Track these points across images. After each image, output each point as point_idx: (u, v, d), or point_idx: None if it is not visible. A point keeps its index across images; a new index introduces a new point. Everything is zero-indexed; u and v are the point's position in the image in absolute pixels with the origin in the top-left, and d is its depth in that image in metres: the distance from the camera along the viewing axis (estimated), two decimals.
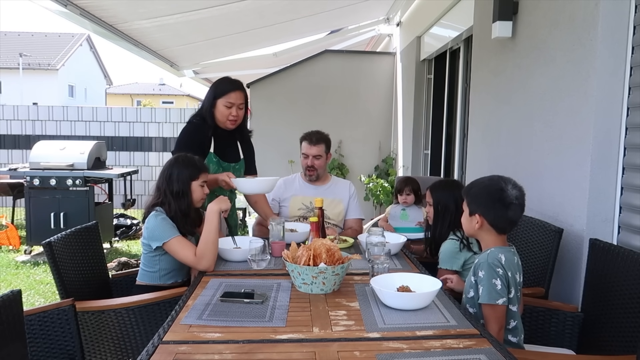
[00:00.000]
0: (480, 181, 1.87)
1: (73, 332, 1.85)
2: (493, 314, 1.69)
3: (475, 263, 1.79)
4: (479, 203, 1.79)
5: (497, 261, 1.71)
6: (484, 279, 1.71)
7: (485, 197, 1.78)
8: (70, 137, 8.45)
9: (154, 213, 2.29)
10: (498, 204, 1.75)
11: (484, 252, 1.79)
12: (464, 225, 1.87)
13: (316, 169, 3.03)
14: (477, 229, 1.80)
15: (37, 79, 25.14)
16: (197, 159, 2.42)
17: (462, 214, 1.88)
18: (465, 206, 1.85)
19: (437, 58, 5.39)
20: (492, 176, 1.84)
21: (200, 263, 2.16)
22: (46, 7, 3.57)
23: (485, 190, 1.80)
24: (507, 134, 3.11)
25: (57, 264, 2.10)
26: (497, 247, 1.77)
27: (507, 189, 1.75)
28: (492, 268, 1.70)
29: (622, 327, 1.83)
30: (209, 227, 2.21)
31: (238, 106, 2.70)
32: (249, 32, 5.83)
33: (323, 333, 1.47)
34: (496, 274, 1.69)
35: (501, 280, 1.69)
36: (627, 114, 2.16)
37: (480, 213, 1.77)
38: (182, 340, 1.42)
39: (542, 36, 2.66)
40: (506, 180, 1.79)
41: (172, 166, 2.36)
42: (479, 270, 1.74)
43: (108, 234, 6.10)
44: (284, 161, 6.90)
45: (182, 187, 2.32)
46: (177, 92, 37.32)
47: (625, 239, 2.15)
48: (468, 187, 1.87)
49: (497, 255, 1.73)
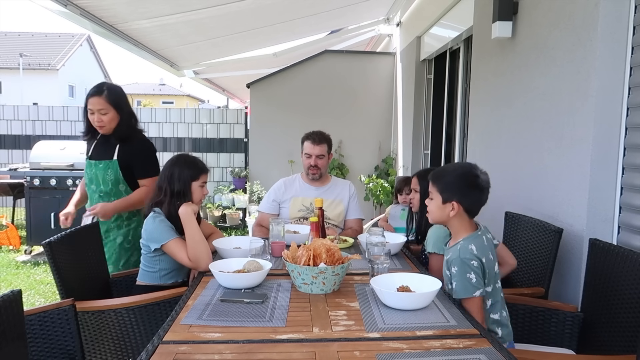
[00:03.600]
0: (451, 169, 1.94)
1: (73, 332, 1.85)
2: (473, 307, 1.72)
3: (448, 259, 1.81)
4: (455, 190, 1.80)
5: (469, 254, 1.74)
6: (457, 274, 1.74)
7: (462, 185, 1.80)
8: (70, 137, 8.43)
9: (152, 215, 2.31)
10: (476, 190, 1.80)
11: (455, 245, 1.80)
12: (434, 214, 1.87)
13: (319, 168, 3.05)
14: (452, 216, 1.81)
15: (37, 79, 25.14)
16: (199, 160, 2.45)
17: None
18: (435, 194, 1.85)
19: (437, 58, 5.39)
20: (460, 163, 1.89)
21: (198, 266, 2.20)
22: (46, 7, 3.57)
23: (461, 178, 1.82)
24: (507, 133, 3.11)
25: (57, 264, 2.10)
26: (466, 237, 1.80)
27: (480, 175, 1.81)
28: (465, 263, 1.73)
29: (622, 327, 1.83)
30: (190, 230, 2.25)
31: (99, 112, 2.66)
32: (249, 32, 5.83)
33: (323, 333, 1.47)
34: (470, 267, 1.72)
35: (475, 273, 1.72)
36: (627, 114, 2.16)
37: (457, 200, 1.79)
38: (182, 340, 1.42)
39: (542, 36, 2.66)
40: (474, 166, 1.85)
41: (173, 165, 2.38)
42: (452, 267, 1.77)
43: None
44: (284, 161, 6.91)
45: (182, 187, 2.34)
46: (177, 92, 37.32)
47: (625, 239, 2.15)
48: (437, 175, 1.87)
49: (467, 247, 1.76)
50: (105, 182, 2.73)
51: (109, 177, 2.73)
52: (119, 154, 2.73)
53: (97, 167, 2.74)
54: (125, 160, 2.73)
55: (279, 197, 3.11)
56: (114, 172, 2.73)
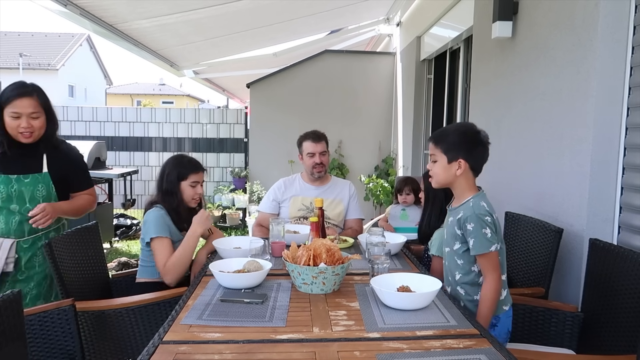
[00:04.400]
0: (453, 128, 1.96)
1: (73, 332, 1.85)
2: (489, 262, 1.74)
3: (460, 217, 1.80)
4: (460, 148, 1.80)
5: (483, 210, 1.76)
6: (473, 231, 1.75)
7: (466, 142, 1.81)
8: (70, 137, 8.44)
9: (155, 208, 2.39)
10: (480, 146, 1.82)
11: (465, 203, 1.80)
12: (440, 176, 1.85)
13: (324, 165, 3.08)
14: (458, 175, 1.80)
15: (37, 79, 24.46)
16: (190, 160, 2.49)
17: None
18: (439, 155, 1.83)
19: (437, 58, 5.39)
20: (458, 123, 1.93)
21: (165, 277, 2.27)
22: (46, 7, 3.57)
23: (464, 136, 1.83)
24: (507, 134, 3.11)
25: (57, 264, 2.10)
26: (474, 195, 1.80)
27: (480, 131, 1.83)
28: (481, 218, 1.74)
29: (622, 327, 1.83)
30: (186, 249, 2.31)
31: (30, 116, 2.23)
32: (249, 32, 5.83)
33: (323, 333, 1.47)
34: (485, 223, 1.74)
35: (490, 228, 1.74)
36: (627, 114, 2.16)
37: (463, 157, 1.79)
38: (182, 340, 1.42)
39: (542, 36, 2.66)
40: (472, 124, 1.89)
41: (166, 165, 2.48)
42: (467, 224, 1.76)
43: (108, 234, 6.10)
44: (284, 161, 6.91)
45: (170, 186, 2.42)
46: (177, 92, 37.30)
47: (625, 239, 2.15)
48: (439, 136, 1.87)
49: (479, 203, 1.77)
50: (34, 199, 2.28)
51: (40, 194, 2.30)
52: (49, 165, 2.33)
53: (21, 183, 2.27)
54: (58, 173, 2.36)
55: (279, 197, 3.11)
56: (46, 186, 2.32)
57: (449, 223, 1.90)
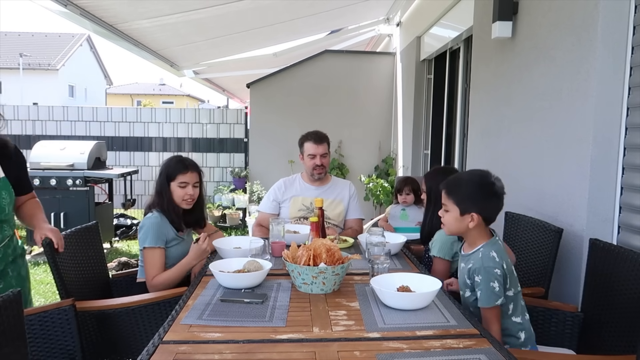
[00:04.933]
0: (466, 178, 1.87)
1: (73, 332, 1.85)
2: (492, 315, 1.70)
3: (470, 267, 1.77)
4: (474, 201, 1.76)
5: (492, 262, 1.71)
6: (481, 283, 1.71)
7: (481, 194, 1.77)
8: (70, 137, 8.44)
9: (151, 214, 2.41)
10: (493, 198, 1.77)
11: (474, 253, 1.77)
12: (452, 226, 1.82)
13: (325, 166, 3.08)
14: (471, 227, 1.77)
15: (37, 79, 25.14)
16: (180, 160, 2.48)
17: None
18: (451, 206, 1.79)
19: (437, 58, 5.39)
20: (472, 171, 1.86)
21: (150, 289, 2.30)
22: (46, 7, 3.57)
23: (478, 188, 1.78)
24: (507, 134, 3.11)
25: (57, 264, 2.10)
26: (485, 244, 1.77)
27: (495, 182, 1.78)
28: (489, 271, 1.70)
29: (622, 327, 1.83)
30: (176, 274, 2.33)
31: None
32: (249, 32, 5.83)
33: (323, 333, 1.47)
34: (493, 275, 1.70)
35: (498, 281, 1.70)
36: (627, 114, 2.16)
37: (477, 211, 1.75)
38: (182, 340, 1.42)
39: (542, 36, 2.66)
40: (488, 173, 1.81)
41: (161, 166, 2.51)
42: (476, 275, 1.73)
43: (108, 234, 6.10)
44: (284, 161, 6.91)
45: (160, 187, 2.45)
46: (177, 92, 37.31)
47: (625, 239, 2.15)
48: (452, 186, 1.82)
49: (489, 255, 1.73)
50: (2, 208, 2.03)
51: (6, 201, 2.04)
52: (4, 168, 2.08)
53: None
54: (13, 176, 2.11)
55: (279, 197, 3.11)
56: (9, 193, 2.06)
57: (460, 269, 1.87)
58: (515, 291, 1.78)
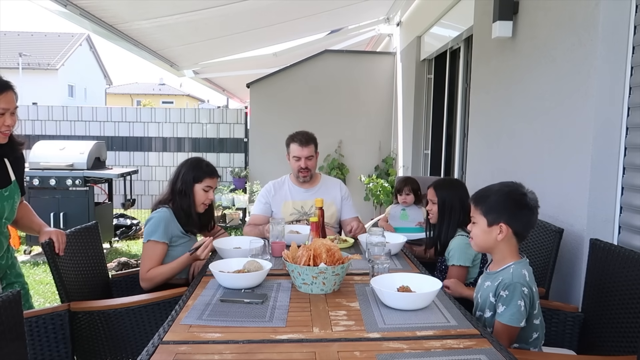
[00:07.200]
0: (496, 189, 1.75)
1: (66, 338, 1.89)
2: (510, 334, 1.64)
3: (499, 284, 1.67)
4: (502, 211, 1.67)
5: (522, 279, 1.63)
6: (508, 299, 1.62)
7: (510, 205, 1.67)
8: (70, 137, 8.44)
9: (163, 208, 2.40)
10: (524, 210, 1.67)
11: (505, 269, 1.69)
12: (479, 239, 1.73)
13: (310, 169, 3.00)
14: (499, 240, 1.68)
15: (36, 79, 25.11)
16: (208, 164, 2.52)
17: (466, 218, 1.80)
18: (479, 217, 1.72)
19: (437, 58, 5.39)
20: (504, 183, 1.75)
21: (142, 282, 2.31)
22: (46, 7, 3.56)
23: (507, 197, 1.69)
24: (507, 133, 3.10)
25: (57, 264, 2.10)
26: (516, 262, 1.68)
27: (527, 193, 1.69)
28: (518, 289, 1.61)
29: (623, 327, 1.83)
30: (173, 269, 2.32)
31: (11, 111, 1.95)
32: (249, 32, 5.83)
33: (323, 333, 1.47)
34: (521, 294, 1.61)
35: (525, 301, 1.61)
36: (627, 114, 2.16)
37: (505, 222, 1.66)
38: (182, 340, 1.42)
39: (542, 36, 2.66)
40: (519, 184, 1.73)
41: (182, 165, 2.50)
42: (503, 290, 1.64)
43: (108, 234, 6.09)
44: (284, 161, 6.87)
45: (184, 187, 2.43)
46: (177, 92, 37.30)
47: (625, 239, 2.15)
48: (480, 197, 1.75)
49: (520, 272, 1.64)
50: (13, 212, 2.06)
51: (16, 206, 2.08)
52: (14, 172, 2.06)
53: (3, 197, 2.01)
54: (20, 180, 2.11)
55: (270, 200, 3.06)
56: (18, 197, 2.08)
57: (484, 287, 1.76)
58: (540, 320, 1.71)
